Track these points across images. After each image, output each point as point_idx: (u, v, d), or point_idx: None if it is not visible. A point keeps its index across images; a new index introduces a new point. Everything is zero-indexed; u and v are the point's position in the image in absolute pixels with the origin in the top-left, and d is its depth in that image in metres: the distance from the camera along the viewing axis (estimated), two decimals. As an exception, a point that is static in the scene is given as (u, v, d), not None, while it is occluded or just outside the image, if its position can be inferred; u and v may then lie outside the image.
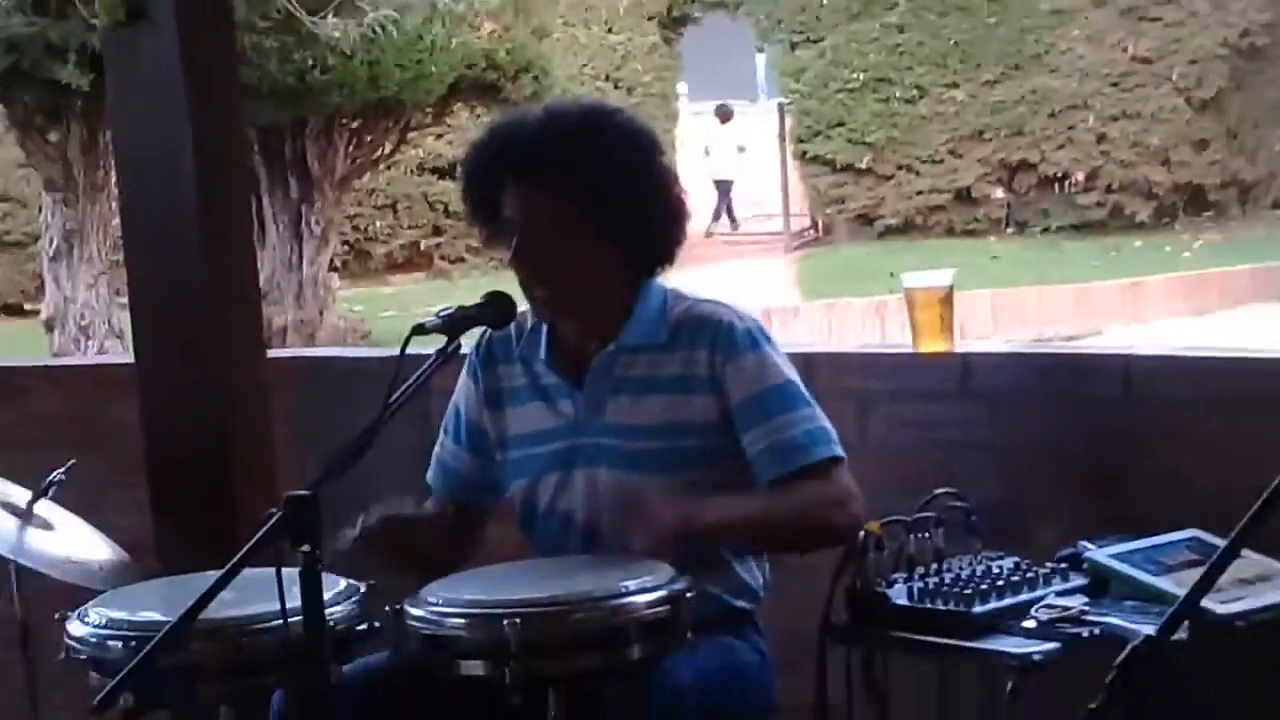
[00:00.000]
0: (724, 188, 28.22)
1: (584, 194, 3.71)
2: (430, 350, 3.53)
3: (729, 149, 28.29)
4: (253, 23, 14.44)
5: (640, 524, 3.55)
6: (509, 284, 3.81)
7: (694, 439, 3.75)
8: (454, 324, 3.55)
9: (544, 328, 3.87)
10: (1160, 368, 4.38)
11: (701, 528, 3.60)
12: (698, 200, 26.46)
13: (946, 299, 4.49)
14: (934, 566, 3.76)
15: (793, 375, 3.77)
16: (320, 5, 14.76)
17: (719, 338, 3.75)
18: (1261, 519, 2.52)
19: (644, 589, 3.38)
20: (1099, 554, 3.72)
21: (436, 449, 4.01)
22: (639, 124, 3.90)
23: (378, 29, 14.69)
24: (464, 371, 3.92)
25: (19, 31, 14.27)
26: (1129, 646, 2.42)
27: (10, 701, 4.11)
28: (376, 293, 23.06)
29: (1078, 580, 3.70)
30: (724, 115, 28.60)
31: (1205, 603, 2.81)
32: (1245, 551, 3.02)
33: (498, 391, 3.92)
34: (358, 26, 14.78)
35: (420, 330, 3.48)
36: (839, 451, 3.72)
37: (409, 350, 3.41)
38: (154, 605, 3.56)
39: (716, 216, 28.07)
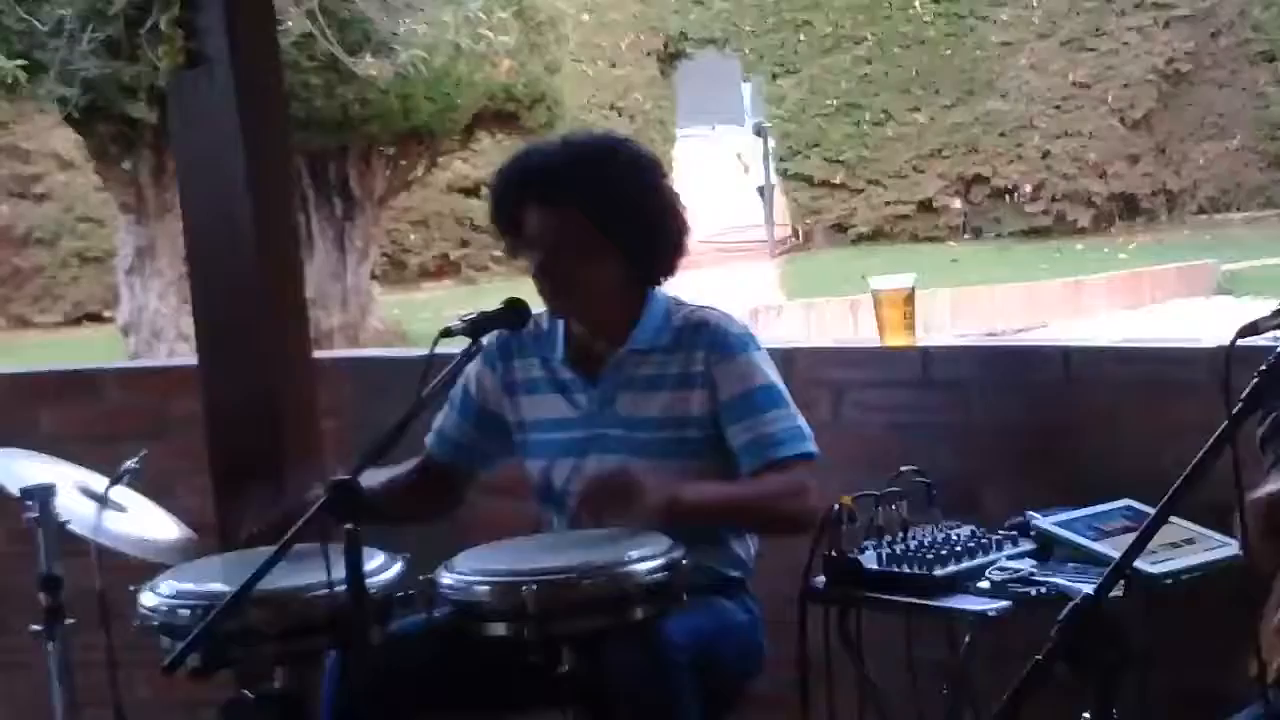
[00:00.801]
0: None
1: (597, 214, 3.73)
2: (456, 350, 3.53)
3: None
4: (300, 63, 14.43)
5: (631, 502, 3.54)
6: (528, 289, 3.82)
7: (693, 430, 3.77)
8: (476, 327, 3.56)
9: (560, 329, 3.89)
10: (1095, 357, 4.36)
11: (682, 507, 3.59)
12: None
13: (909, 298, 4.49)
14: (900, 535, 3.76)
15: (776, 378, 3.79)
16: (358, 47, 14.75)
17: (714, 341, 3.77)
18: (1186, 490, 2.52)
19: (645, 558, 3.39)
20: (1044, 522, 3.71)
21: (439, 420, 4.03)
22: (645, 152, 3.91)
23: (409, 67, 14.68)
24: (480, 360, 3.90)
25: (96, 73, 14.25)
26: (1070, 604, 2.42)
27: (91, 664, 4.10)
28: (412, 298, 22.99)
29: (1026, 545, 3.70)
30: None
31: (1138, 564, 2.81)
32: (1173, 519, 3.02)
33: (513, 382, 3.94)
34: (391, 65, 14.77)
35: (447, 333, 3.50)
36: (811, 449, 3.75)
37: (438, 350, 3.42)
38: (217, 577, 3.56)
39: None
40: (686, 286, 3.93)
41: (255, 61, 4.46)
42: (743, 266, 24.70)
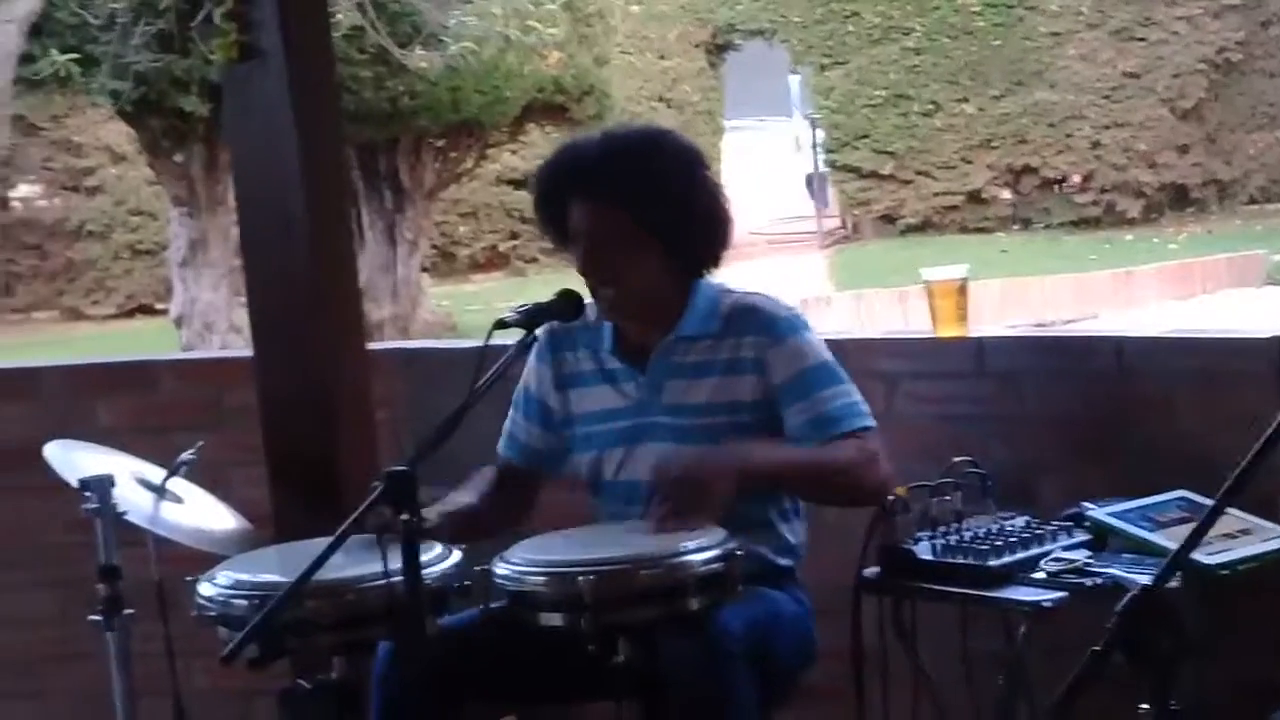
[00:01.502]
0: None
1: (639, 206, 3.72)
2: (510, 341, 3.54)
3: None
4: (350, 56, 14.46)
5: (707, 497, 3.52)
6: (577, 280, 3.82)
7: (742, 415, 3.76)
8: (530, 318, 3.57)
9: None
10: (1149, 348, 4.34)
11: (752, 468, 3.59)
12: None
13: (962, 289, 4.48)
14: (954, 526, 3.74)
15: (828, 356, 3.78)
16: (408, 39, 14.78)
17: (763, 326, 3.76)
18: (1243, 482, 2.51)
19: (700, 548, 3.39)
20: (1099, 512, 3.70)
21: (508, 422, 4.03)
22: (687, 143, 3.90)
23: (459, 59, 14.70)
24: (532, 355, 3.92)
25: (148, 67, 14.31)
26: (1128, 595, 2.41)
27: (149, 654, 4.12)
28: (461, 290, 23.01)
29: (1081, 536, 3.69)
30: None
31: (1194, 555, 2.80)
32: (1229, 509, 3.01)
33: (563, 374, 3.94)
34: (441, 58, 14.80)
35: (501, 325, 3.51)
36: (871, 422, 3.74)
37: (491, 341, 3.43)
38: (273, 568, 3.57)
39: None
40: (735, 278, 3.93)
41: (309, 54, 4.47)
42: (791, 258, 24.66)
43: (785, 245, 26.23)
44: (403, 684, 3.56)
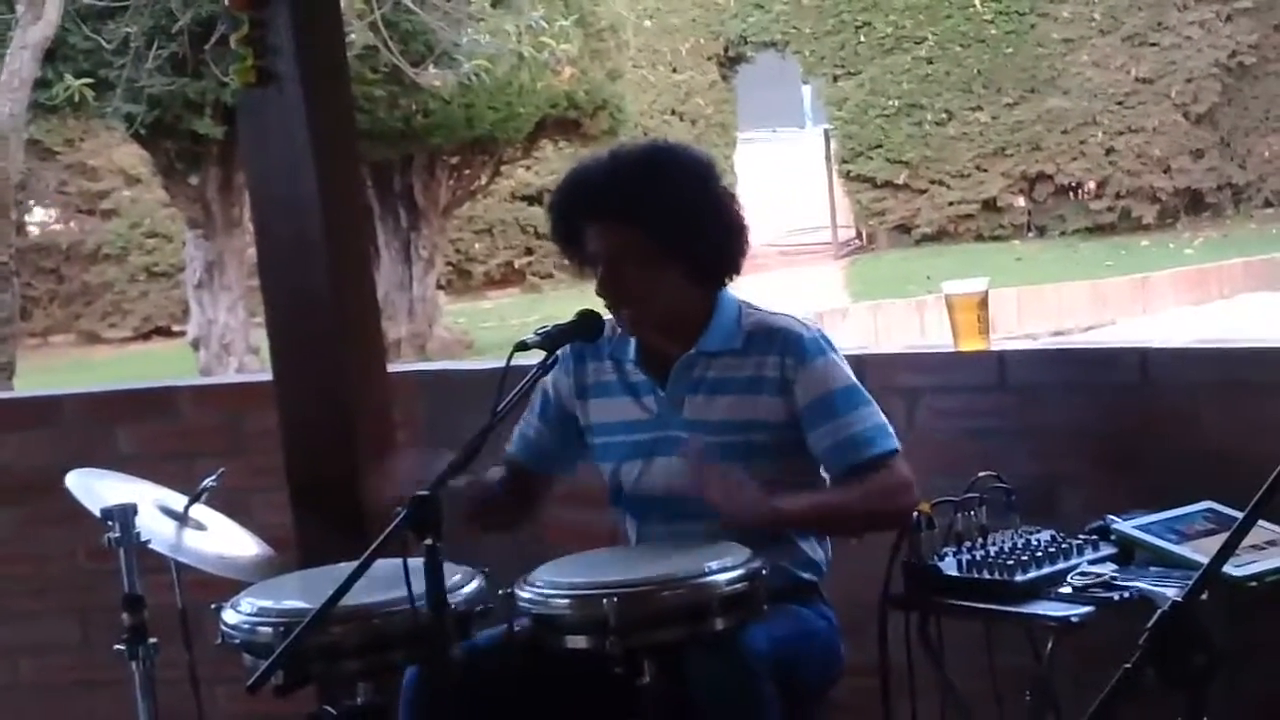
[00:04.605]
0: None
1: (652, 223, 3.72)
2: (530, 363, 3.53)
3: None
4: (364, 75, 14.45)
5: (731, 498, 3.52)
6: (595, 297, 3.82)
7: (761, 434, 3.76)
8: (551, 340, 3.57)
9: (632, 332, 3.89)
10: (1173, 358, 4.32)
11: (782, 518, 3.58)
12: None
13: (982, 303, 4.46)
14: (979, 541, 3.73)
15: (853, 379, 3.77)
16: (421, 58, 14.78)
17: (789, 346, 3.75)
18: (1273, 492, 2.49)
19: (724, 569, 3.39)
20: (1125, 526, 3.68)
21: (520, 424, 4.03)
22: (696, 155, 3.90)
23: (472, 77, 14.69)
24: (558, 364, 3.93)
25: (161, 90, 14.32)
26: (1158, 612, 2.39)
27: (173, 681, 4.11)
28: (477, 307, 23.01)
29: (1107, 550, 3.67)
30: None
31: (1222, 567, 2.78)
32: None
33: (585, 384, 3.95)
34: (454, 75, 14.79)
35: (522, 347, 3.51)
36: (896, 444, 3.73)
37: (512, 363, 3.43)
38: (297, 594, 3.57)
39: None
40: (751, 290, 3.93)
41: (325, 79, 4.47)
42: (807, 269, 24.64)
43: (799, 256, 26.21)
44: (426, 709, 3.55)
